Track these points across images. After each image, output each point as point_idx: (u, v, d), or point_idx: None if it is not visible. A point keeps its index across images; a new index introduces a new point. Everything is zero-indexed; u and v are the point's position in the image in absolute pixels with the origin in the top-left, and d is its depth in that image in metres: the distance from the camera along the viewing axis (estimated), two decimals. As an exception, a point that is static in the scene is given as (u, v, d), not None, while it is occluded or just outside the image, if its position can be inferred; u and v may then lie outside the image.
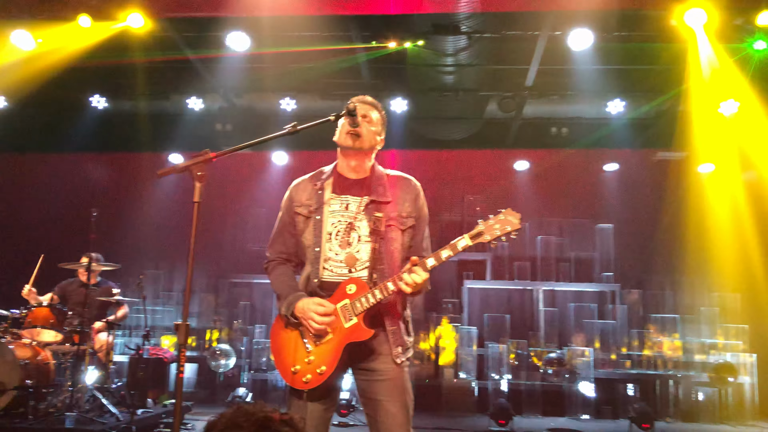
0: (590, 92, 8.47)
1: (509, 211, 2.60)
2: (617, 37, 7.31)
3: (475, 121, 9.54)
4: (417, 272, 2.51)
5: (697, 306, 9.40)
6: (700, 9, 6.14)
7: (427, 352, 9.33)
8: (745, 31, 6.87)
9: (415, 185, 2.81)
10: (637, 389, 8.68)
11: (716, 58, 7.03)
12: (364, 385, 2.68)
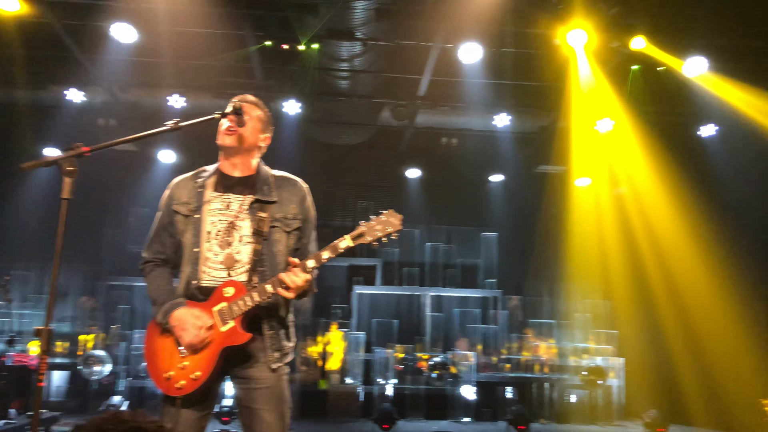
0: (479, 105, 8.76)
1: (391, 213, 2.61)
2: (505, 53, 7.61)
3: (369, 128, 9.63)
4: (296, 273, 2.47)
5: (572, 312, 9.93)
6: (581, 30, 6.49)
7: (314, 358, 9.27)
8: (620, 54, 7.34)
9: (302, 186, 2.77)
10: (515, 392, 9.00)
11: (594, 77, 7.47)
12: (240, 393, 2.60)
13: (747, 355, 7.79)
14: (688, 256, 8.45)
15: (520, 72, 8.12)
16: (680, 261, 8.52)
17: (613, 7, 6.34)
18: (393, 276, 10.44)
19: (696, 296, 8.34)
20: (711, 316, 8.25)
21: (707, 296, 8.27)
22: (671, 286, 8.66)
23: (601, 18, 6.49)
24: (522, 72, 8.13)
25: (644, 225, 9.06)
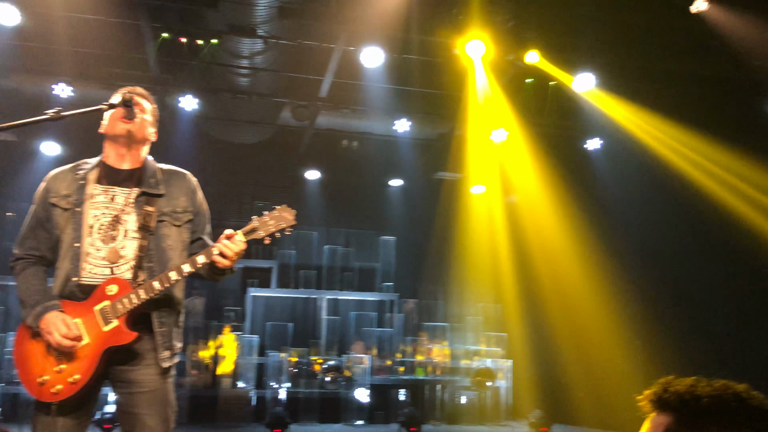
0: (380, 109, 8.83)
1: (284, 208, 2.57)
2: (407, 59, 7.72)
3: (268, 127, 9.48)
4: (233, 241, 2.40)
5: (465, 315, 10.19)
6: (479, 41, 6.68)
7: (205, 362, 8.99)
8: (516, 66, 7.63)
9: (191, 179, 2.68)
10: (408, 394, 9.12)
11: (490, 88, 7.72)
12: (123, 398, 2.45)
13: (626, 357, 8.28)
14: (573, 262, 8.87)
15: (421, 79, 8.26)
16: (566, 267, 8.93)
17: (510, 21, 6.57)
18: (289, 279, 10.32)
19: (580, 301, 8.77)
20: (594, 320, 8.70)
21: (591, 301, 8.72)
22: (558, 291, 9.06)
23: (498, 31, 6.71)
24: (423, 79, 8.27)
25: (534, 232, 9.44)
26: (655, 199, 8.98)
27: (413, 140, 9.60)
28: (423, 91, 8.62)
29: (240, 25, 7.19)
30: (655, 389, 1.35)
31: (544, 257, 9.30)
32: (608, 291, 8.78)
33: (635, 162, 8.68)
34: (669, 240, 8.86)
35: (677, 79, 7.90)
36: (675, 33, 7.09)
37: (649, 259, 9.11)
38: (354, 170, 10.29)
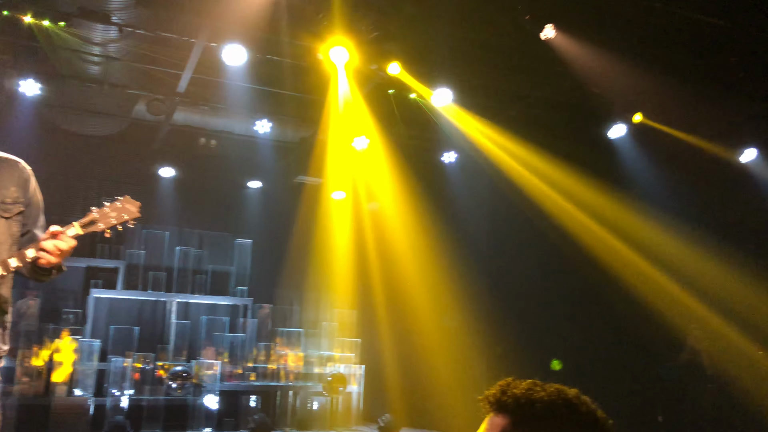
0: (241, 109, 8.65)
1: (127, 199, 2.43)
2: (271, 60, 7.61)
3: (120, 119, 8.97)
4: (61, 238, 2.21)
5: (320, 321, 10.19)
6: (343, 48, 6.73)
7: (39, 368, 8.30)
8: (378, 76, 7.76)
9: (24, 168, 2.47)
10: (259, 401, 8.97)
11: (353, 95, 7.80)
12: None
13: (469, 363, 8.68)
14: (427, 270, 9.17)
15: (285, 81, 8.17)
16: (420, 275, 9.21)
17: (373, 31, 6.68)
18: (137, 280, 9.78)
19: (432, 308, 9.07)
20: (440, 328, 9.05)
21: (438, 309, 9.05)
22: (409, 298, 9.31)
23: (362, 40, 6.80)
24: (286, 81, 8.19)
25: (391, 240, 9.65)
26: (502, 213, 9.51)
27: (274, 142, 9.49)
28: (286, 93, 8.54)
29: (93, 9, 6.75)
30: (494, 391, 1.39)
31: (400, 265, 9.52)
32: (460, 299, 9.16)
33: (486, 177, 9.14)
34: (512, 251, 9.41)
35: (527, 100, 8.43)
36: (526, 57, 7.53)
37: (496, 268, 9.62)
38: (211, 170, 9.99)
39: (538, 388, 1.35)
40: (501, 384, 1.40)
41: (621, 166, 9.11)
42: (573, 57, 7.18)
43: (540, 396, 1.32)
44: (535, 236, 9.19)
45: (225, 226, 10.70)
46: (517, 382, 1.39)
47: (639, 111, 8.06)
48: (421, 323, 9.15)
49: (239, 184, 10.79)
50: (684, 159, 8.97)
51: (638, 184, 9.19)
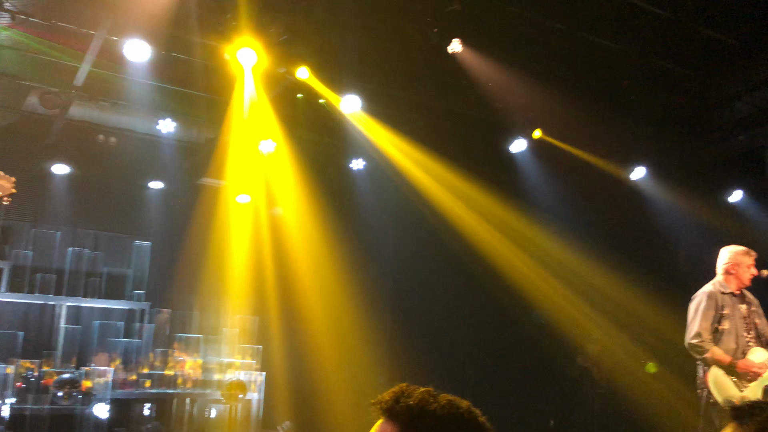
0: (143, 106, 8.35)
1: (1, 175, 2.28)
2: (176, 58, 7.39)
3: (10, 112, 8.46)
4: None
5: (221, 327, 9.94)
6: (251, 50, 6.62)
7: None
8: (287, 80, 7.69)
9: None
10: (154, 409, 8.64)
11: (260, 98, 7.69)
12: None
13: (368, 371, 8.73)
14: (333, 277, 9.15)
15: (190, 80, 7.96)
16: (326, 281, 9.18)
17: (283, 34, 6.61)
18: (23, 282, 9.19)
19: (337, 314, 9.07)
20: (343, 335, 9.05)
21: (341, 316, 9.06)
22: (311, 305, 9.27)
23: (271, 42, 6.72)
24: (192, 80, 7.98)
25: (296, 245, 9.57)
26: (407, 222, 9.65)
27: (178, 142, 9.21)
28: (191, 92, 8.31)
29: (-19, -8, 6.34)
30: (388, 397, 1.38)
31: (305, 271, 9.46)
32: (365, 306, 9.21)
33: (393, 185, 9.25)
34: (416, 260, 9.56)
35: (434, 111, 8.59)
36: (433, 69, 7.69)
37: (399, 276, 9.73)
38: (109, 168, 9.55)
39: (431, 399, 1.36)
40: (395, 390, 1.40)
41: (521, 180, 9.45)
42: (478, 72, 7.39)
43: (432, 408, 1.33)
44: (439, 246, 9.38)
45: (123, 227, 10.25)
46: (411, 390, 1.39)
47: (539, 127, 8.38)
48: (323, 330, 9.12)
49: (139, 185, 10.37)
50: (580, 175, 9.42)
51: (537, 197, 9.57)
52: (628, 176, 9.20)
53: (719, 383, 5.00)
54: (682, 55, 7.60)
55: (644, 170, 9.11)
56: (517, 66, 7.45)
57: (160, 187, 10.54)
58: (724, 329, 5.14)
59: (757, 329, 5.23)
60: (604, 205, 9.90)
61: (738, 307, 5.25)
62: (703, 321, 5.12)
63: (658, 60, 7.59)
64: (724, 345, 5.09)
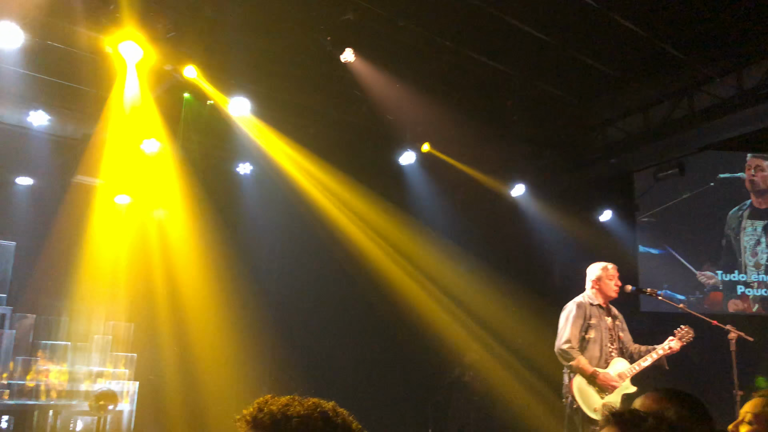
0: (12, 96, 7.78)
1: None
2: (52, 47, 6.94)
3: None
4: None
5: (92, 333, 9.39)
6: (135, 44, 6.32)
7: None
8: (173, 78, 7.41)
9: None
10: (12, 421, 8.03)
11: (145, 95, 7.37)
12: None
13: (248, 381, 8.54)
14: (211, 284, 8.89)
15: (67, 71, 7.51)
16: (203, 289, 8.91)
17: (170, 31, 6.38)
18: None
19: (211, 324, 8.81)
20: (224, 344, 8.81)
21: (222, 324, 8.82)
22: (193, 312, 8.96)
23: (157, 38, 6.45)
24: (69, 72, 7.52)
25: (177, 250, 9.23)
26: (294, 230, 9.56)
27: (51, 137, 8.64)
28: (69, 84, 7.84)
29: None
30: (251, 409, 1.37)
31: (186, 277, 9.13)
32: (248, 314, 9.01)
33: (281, 192, 9.14)
34: (302, 269, 9.49)
35: (325, 119, 8.58)
36: (326, 77, 7.69)
37: (285, 285, 9.62)
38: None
39: (295, 403, 1.36)
40: (258, 401, 1.40)
41: (409, 192, 9.62)
42: (370, 82, 7.46)
43: (297, 411, 1.33)
44: (325, 256, 9.36)
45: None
46: (276, 399, 1.39)
47: (427, 141, 8.56)
48: (203, 339, 8.84)
49: (6, 180, 9.63)
50: (464, 189, 9.73)
51: (423, 209, 9.77)
52: (509, 193, 9.57)
53: (582, 391, 5.32)
54: (562, 80, 8.04)
55: (524, 188, 9.51)
56: (408, 79, 7.59)
57: (28, 184, 9.83)
58: (590, 338, 5.47)
59: (620, 342, 5.62)
60: (486, 220, 10.26)
61: (604, 318, 5.61)
62: (573, 328, 5.44)
63: (540, 83, 7.99)
64: (588, 353, 5.42)
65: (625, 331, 5.75)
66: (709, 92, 7.79)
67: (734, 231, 10.50)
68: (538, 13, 6.71)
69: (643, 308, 9.59)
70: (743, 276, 10.39)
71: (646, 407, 2.07)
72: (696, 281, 10.47)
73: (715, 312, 9.91)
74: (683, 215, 10.50)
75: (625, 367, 5.46)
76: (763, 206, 10.50)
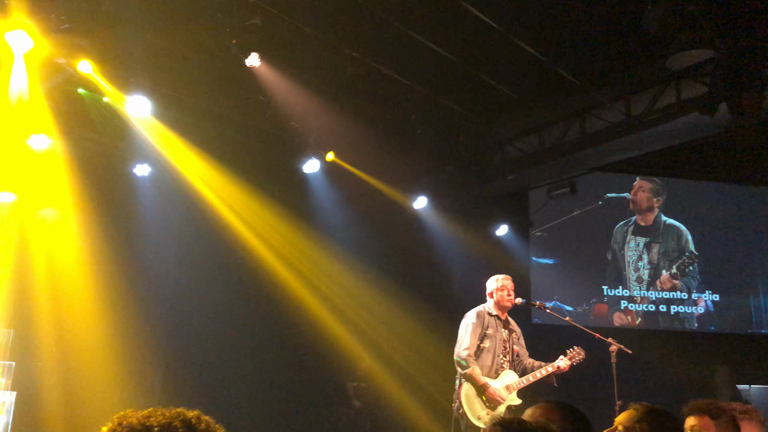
0: None
1: None
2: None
3: None
4: None
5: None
6: (25, 33, 5.95)
7: None
8: (67, 72, 7.04)
9: None
10: None
11: (34, 88, 6.94)
12: None
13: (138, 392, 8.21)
14: (101, 290, 8.51)
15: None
16: (93, 295, 8.51)
17: (64, 23, 6.06)
18: None
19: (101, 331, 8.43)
20: (114, 353, 8.44)
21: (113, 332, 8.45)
22: (82, 319, 8.54)
23: (50, 29, 6.11)
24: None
25: (65, 253, 8.77)
26: (191, 236, 9.30)
27: None
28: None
29: None
30: (111, 424, 1.34)
31: (75, 282, 8.68)
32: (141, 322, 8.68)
33: (179, 196, 8.87)
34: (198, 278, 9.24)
35: (229, 123, 8.41)
36: (231, 81, 7.55)
37: (182, 292, 9.33)
38: None
39: (157, 414, 1.35)
40: (118, 415, 1.36)
41: (312, 200, 9.59)
42: (275, 88, 7.39)
43: (158, 420, 1.31)
44: (223, 263, 9.17)
45: None
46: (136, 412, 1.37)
47: (332, 150, 8.57)
48: (91, 347, 8.43)
49: None
50: (368, 200, 9.80)
51: (327, 218, 9.77)
52: (412, 205, 9.71)
53: (469, 398, 5.54)
54: (465, 98, 8.28)
55: (426, 200, 9.69)
56: (314, 88, 7.59)
57: None
58: (485, 347, 5.69)
59: (514, 355, 5.84)
60: (388, 230, 10.38)
61: (500, 330, 5.83)
62: (472, 337, 5.65)
63: (444, 100, 8.18)
64: (481, 361, 5.63)
65: (521, 346, 6.00)
66: (600, 117, 8.23)
67: (619, 245, 11.19)
68: (443, 31, 6.88)
69: (534, 320, 9.99)
70: (626, 291, 11.04)
71: (535, 418, 2.16)
72: (583, 293, 11.04)
73: (601, 324, 10.49)
74: (573, 231, 11.06)
75: (514, 380, 5.70)
76: (644, 224, 11.24)
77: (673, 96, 7.59)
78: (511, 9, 6.65)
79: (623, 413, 2.42)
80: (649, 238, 11.21)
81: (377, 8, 6.43)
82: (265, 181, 8.89)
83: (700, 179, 11.43)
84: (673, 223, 11.28)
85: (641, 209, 11.29)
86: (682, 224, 11.28)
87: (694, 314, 11.06)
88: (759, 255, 11.45)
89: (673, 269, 11.05)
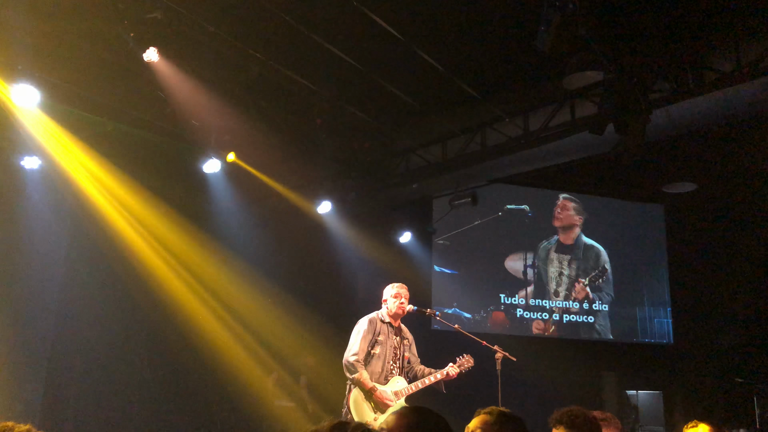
0: None
1: None
2: None
3: None
4: None
5: None
6: None
7: None
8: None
9: None
10: None
11: None
12: None
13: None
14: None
15: None
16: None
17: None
18: None
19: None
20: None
21: None
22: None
23: None
24: None
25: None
26: (81, 233, 8.88)
27: None
28: None
29: None
30: None
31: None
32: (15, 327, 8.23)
33: (69, 191, 8.47)
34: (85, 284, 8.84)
35: (124, 118, 8.08)
36: (127, 75, 7.25)
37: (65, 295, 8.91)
38: None
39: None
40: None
41: (212, 201, 9.36)
42: (175, 85, 7.16)
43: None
44: (112, 267, 8.81)
45: None
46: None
47: (233, 150, 8.39)
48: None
49: None
50: (270, 203, 9.67)
51: (227, 221, 9.57)
52: (316, 210, 9.65)
53: (357, 404, 5.57)
54: (370, 105, 8.31)
55: (330, 205, 9.64)
56: (216, 86, 7.40)
57: None
58: (375, 353, 5.73)
59: (405, 361, 5.91)
60: (291, 235, 10.29)
61: (392, 337, 5.88)
62: (362, 343, 5.67)
63: (348, 106, 8.18)
64: (371, 367, 5.67)
65: (413, 354, 6.07)
66: (500, 130, 8.46)
67: (543, 262, 11.66)
68: (349, 39, 6.88)
69: (434, 326, 10.16)
70: (546, 302, 11.54)
71: (388, 423, 2.18)
72: (482, 301, 11.35)
73: (502, 332, 10.85)
74: (474, 241, 11.36)
75: (403, 386, 5.76)
76: (567, 242, 11.80)
77: (568, 114, 7.91)
78: (416, 21, 6.73)
79: (474, 419, 2.48)
80: (570, 256, 11.78)
81: (283, 11, 6.35)
82: (161, 181, 8.60)
83: (593, 194, 12.01)
84: (593, 244, 11.89)
85: (563, 226, 11.89)
86: (598, 242, 11.93)
87: (594, 324, 11.67)
88: (645, 268, 12.16)
89: (586, 280, 11.66)
